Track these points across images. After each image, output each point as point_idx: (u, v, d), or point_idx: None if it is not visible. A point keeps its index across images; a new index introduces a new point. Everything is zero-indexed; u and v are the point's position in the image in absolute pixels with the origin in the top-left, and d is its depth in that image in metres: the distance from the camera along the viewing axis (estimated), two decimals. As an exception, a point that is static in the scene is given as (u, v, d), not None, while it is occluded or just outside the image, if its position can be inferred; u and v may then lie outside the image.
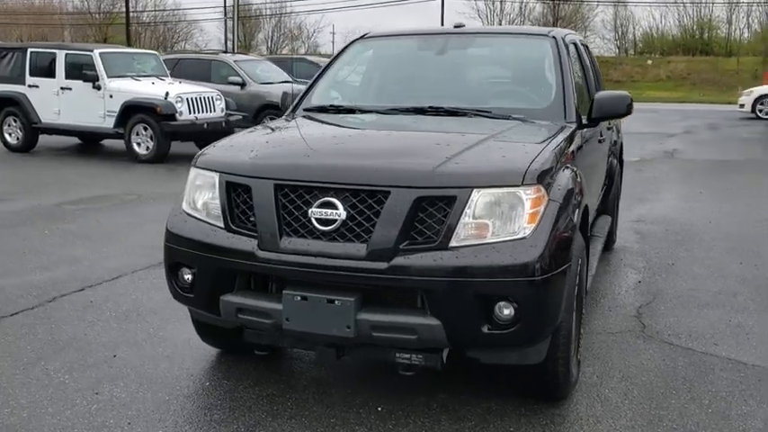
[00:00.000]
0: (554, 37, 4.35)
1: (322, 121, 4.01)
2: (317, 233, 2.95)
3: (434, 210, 2.88)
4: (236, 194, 3.16)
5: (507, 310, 2.84)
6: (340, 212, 2.91)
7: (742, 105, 21.83)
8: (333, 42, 71.61)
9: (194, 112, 11.77)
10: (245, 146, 3.43)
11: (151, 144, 11.60)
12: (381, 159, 3.10)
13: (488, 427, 3.16)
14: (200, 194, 3.31)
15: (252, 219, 3.10)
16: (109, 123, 11.90)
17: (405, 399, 3.39)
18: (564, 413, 3.30)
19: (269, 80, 14.95)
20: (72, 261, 5.76)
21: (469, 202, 2.85)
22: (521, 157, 3.07)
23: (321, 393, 3.47)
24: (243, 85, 14.42)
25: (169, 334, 4.21)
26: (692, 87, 45.19)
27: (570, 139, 3.58)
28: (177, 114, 11.50)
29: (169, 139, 11.67)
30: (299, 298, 2.94)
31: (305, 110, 4.26)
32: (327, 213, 2.93)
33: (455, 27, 4.67)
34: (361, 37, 4.82)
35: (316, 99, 4.34)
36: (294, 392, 3.48)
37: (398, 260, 2.84)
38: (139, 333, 4.23)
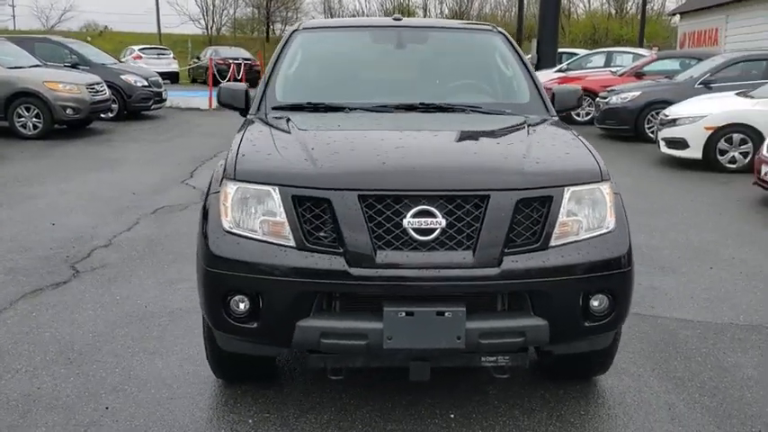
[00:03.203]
0: (501, 32, 4.50)
1: (332, 123, 3.63)
2: (415, 244, 2.80)
3: (530, 210, 2.89)
4: (303, 209, 2.85)
5: (600, 302, 2.97)
6: (439, 220, 2.79)
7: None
8: (14, 17, 63.75)
9: (-54, 105, 9.92)
10: (291, 154, 3.07)
11: None
12: (471, 162, 3.02)
13: (563, 415, 3.28)
14: (250, 211, 2.92)
15: (324, 234, 2.84)
16: None
17: (463, 400, 3.37)
18: (608, 388, 3.54)
19: (17, 64, 13.08)
20: None
21: (563, 200, 2.92)
22: (583, 154, 3.20)
23: (381, 410, 3.29)
24: (-14, 70, 12.44)
25: (143, 372, 3.64)
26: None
27: None
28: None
29: None
30: (403, 314, 2.77)
31: (274, 108, 3.88)
32: (427, 222, 2.79)
33: (394, 19, 4.57)
34: (298, 28, 4.51)
35: (282, 96, 3.98)
36: (351, 414, 3.26)
37: (508, 264, 2.81)
38: (108, 377, 3.58)
